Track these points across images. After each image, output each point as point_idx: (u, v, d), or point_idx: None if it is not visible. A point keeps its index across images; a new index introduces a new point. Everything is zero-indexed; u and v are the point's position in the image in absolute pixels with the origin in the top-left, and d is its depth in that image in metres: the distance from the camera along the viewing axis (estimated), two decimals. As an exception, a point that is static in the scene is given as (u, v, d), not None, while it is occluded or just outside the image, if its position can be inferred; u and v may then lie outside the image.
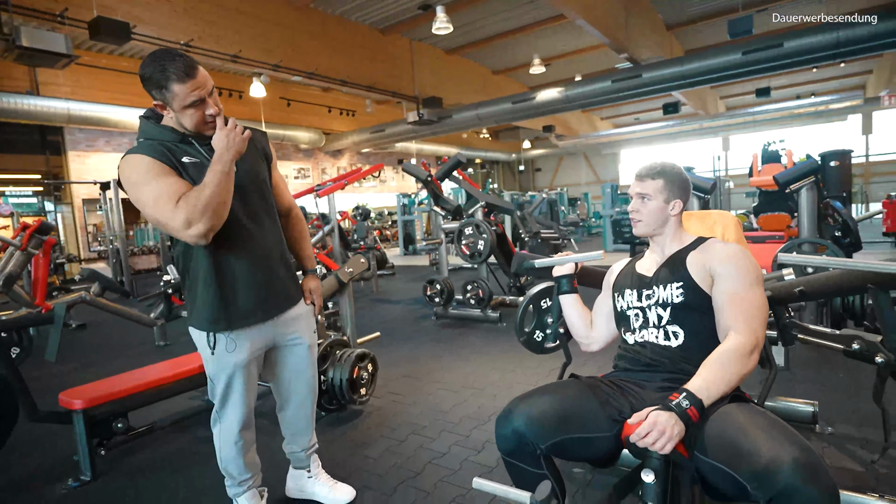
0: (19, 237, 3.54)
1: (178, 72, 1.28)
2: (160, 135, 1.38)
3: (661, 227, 1.41)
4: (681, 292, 1.30)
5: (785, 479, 0.88)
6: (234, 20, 7.82)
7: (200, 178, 1.32)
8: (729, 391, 1.14)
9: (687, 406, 1.07)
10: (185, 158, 1.36)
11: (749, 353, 1.17)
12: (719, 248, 1.34)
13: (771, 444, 0.94)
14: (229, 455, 1.60)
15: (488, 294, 4.45)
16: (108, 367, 3.69)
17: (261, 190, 1.51)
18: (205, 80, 1.33)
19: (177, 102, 1.31)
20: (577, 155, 22.70)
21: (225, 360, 1.48)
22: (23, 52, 5.58)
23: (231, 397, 1.53)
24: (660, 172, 1.39)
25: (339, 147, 14.47)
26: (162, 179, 1.30)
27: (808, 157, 4.46)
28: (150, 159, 1.31)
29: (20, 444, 2.44)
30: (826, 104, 13.69)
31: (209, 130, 1.38)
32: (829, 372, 2.77)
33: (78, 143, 10.30)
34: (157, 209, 1.29)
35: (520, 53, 12.34)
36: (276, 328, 1.57)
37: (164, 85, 1.29)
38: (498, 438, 1.23)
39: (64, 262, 8.80)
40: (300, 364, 1.67)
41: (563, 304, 1.56)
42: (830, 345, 1.72)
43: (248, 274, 1.46)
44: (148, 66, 1.29)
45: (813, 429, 2.11)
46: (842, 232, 3.33)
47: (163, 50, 1.32)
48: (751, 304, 1.23)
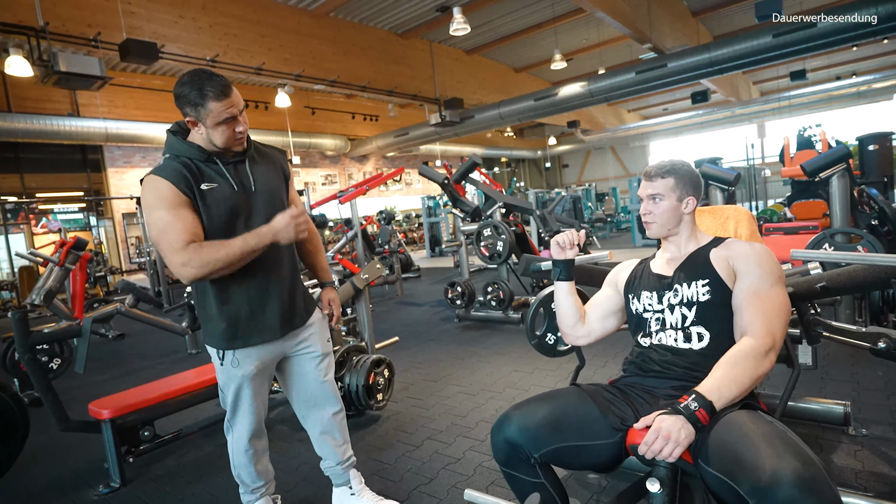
0: (57, 254, 3.73)
1: (215, 90, 1.34)
2: (187, 151, 1.42)
3: (676, 226, 1.36)
4: (707, 290, 1.25)
5: (786, 493, 0.85)
6: (256, 32, 8.02)
7: (216, 206, 1.39)
8: (742, 394, 1.09)
9: (696, 408, 1.03)
10: (204, 185, 1.39)
11: (765, 354, 1.12)
12: (743, 245, 1.30)
13: (773, 455, 0.90)
14: (241, 463, 1.63)
15: (509, 295, 4.41)
16: (142, 375, 3.84)
17: (277, 209, 1.50)
18: (238, 99, 1.39)
19: (211, 119, 1.36)
20: (604, 149, 22.28)
21: (232, 371, 1.52)
22: (60, 76, 5.87)
23: (240, 407, 1.56)
24: (670, 170, 1.34)
25: (364, 152, 14.65)
26: (174, 211, 1.34)
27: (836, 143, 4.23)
28: (168, 185, 1.35)
29: (57, 451, 2.57)
30: (868, 84, 12.99)
31: (237, 146, 1.45)
32: (864, 369, 2.62)
33: (116, 160, 10.79)
34: (162, 238, 1.33)
35: (540, 49, 12.22)
36: (286, 341, 1.59)
37: (200, 102, 1.34)
38: (493, 448, 1.22)
39: (106, 275, 9.24)
40: (311, 373, 1.67)
41: (558, 290, 1.46)
42: (856, 343, 1.63)
43: (262, 294, 1.50)
44: (185, 84, 1.35)
45: (845, 430, 2.00)
46: (879, 220, 3.15)
47: (200, 69, 1.39)
48: (772, 304, 1.18)
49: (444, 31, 9.20)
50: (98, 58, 6.10)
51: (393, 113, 12.78)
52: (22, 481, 2.29)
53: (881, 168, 5.45)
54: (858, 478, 1.72)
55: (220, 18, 7.59)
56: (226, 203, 1.41)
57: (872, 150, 5.45)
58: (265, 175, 1.51)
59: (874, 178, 5.27)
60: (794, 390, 1.46)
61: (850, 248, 2.81)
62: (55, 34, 6.01)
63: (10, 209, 9.89)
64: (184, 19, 7.18)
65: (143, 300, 4.20)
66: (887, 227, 3.14)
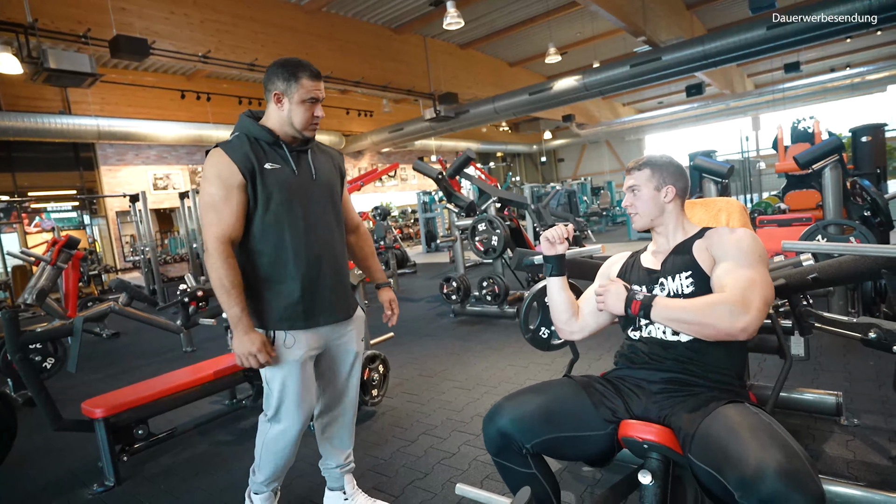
0: (49, 253, 3.71)
1: (310, 70, 1.47)
2: (258, 131, 1.48)
3: (659, 216, 1.37)
4: (690, 282, 1.25)
5: (769, 486, 0.85)
6: (249, 28, 7.94)
7: (277, 187, 1.45)
8: (686, 329, 1.17)
9: (636, 298, 1.21)
10: (268, 165, 1.45)
11: (730, 313, 1.10)
12: (724, 232, 1.29)
13: (758, 449, 0.91)
14: (278, 456, 1.56)
15: (504, 289, 4.42)
16: (137, 374, 3.83)
17: (335, 202, 1.60)
18: (323, 89, 1.51)
19: (299, 94, 1.44)
20: (600, 143, 22.26)
21: (284, 353, 1.48)
22: (51, 73, 5.80)
23: (288, 396, 1.51)
24: (646, 163, 1.37)
25: (359, 148, 14.59)
26: (226, 191, 1.41)
27: (830, 134, 4.24)
28: (228, 162, 1.41)
29: (52, 451, 2.57)
30: (862, 76, 13.01)
31: (310, 132, 1.52)
32: (857, 360, 2.64)
33: (109, 158, 10.70)
34: (207, 214, 1.41)
35: (534, 44, 12.17)
36: (331, 332, 1.58)
37: (295, 75, 1.44)
38: (485, 439, 1.23)
39: (101, 274, 9.20)
40: (343, 370, 1.66)
41: (551, 286, 1.47)
42: (847, 333, 1.64)
43: (323, 276, 1.53)
44: (281, 63, 1.46)
45: (837, 421, 2.02)
46: (871, 211, 3.16)
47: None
48: (750, 279, 1.15)
49: (438, 26, 9.14)
50: (88, 54, 6.03)
51: (387, 108, 12.72)
52: (17, 481, 2.29)
53: (874, 159, 5.46)
54: (850, 467, 1.73)
55: (212, 14, 7.51)
56: (286, 185, 1.46)
57: (865, 142, 5.46)
58: (325, 167, 1.59)
59: (867, 170, 5.29)
60: (788, 381, 1.47)
61: (842, 239, 2.82)
62: (44, 31, 5.94)
63: (3, 208, 9.81)
64: (175, 15, 7.11)
65: (137, 298, 4.18)
66: (879, 219, 3.15)
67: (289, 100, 1.45)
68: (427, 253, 11.83)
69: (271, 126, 1.49)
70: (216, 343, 4.51)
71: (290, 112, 1.47)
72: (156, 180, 11.31)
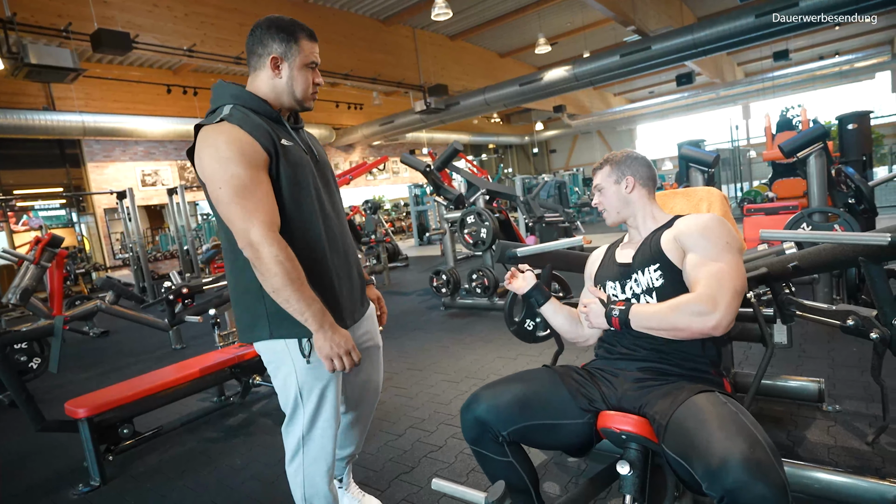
0: (32, 251, 3.66)
1: (308, 30, 1.27)
2: (258, 104, 1.23)
3: (626, 207, 1.40)
4: (659, 274, 1.26)
5: (733, 476, 0.86)
6: (234, 21, 7.83)
7: (298, 166, 1.24)
8: (663, 333, 1.17)
9: (614, 314, 1.21)
10: (284, 141, 1.23)
11: (699, 313, 1.11)
12: (690, 219, 1.29)
13: (723, 439, 0.91)
14: (319, 483, 1.34)
15: (493, 282, 4.42)
16: (126, 372, 3.80)
17: (336, 186, 1.44)
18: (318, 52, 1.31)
19: (300, 58, 1.24)
20: (591, 134, 22.26)
21: (321, 367, 1.25)
22: (32, 69, 5.70)
23: (323, 413, 1.30)
24: (605, 161, 1.44)
25: (349, 141, 14.50)
26: (254, 172, 1.14)
27: (814, 122, 4.26)
28: (247, 136, 1.14)
29: (37, 452, 2.55)
30: (850, 63, 13.06)
31: (310, 102, 1.32)
32: (840, 346, 2.67)
33: (95, 155, 10.57)
34: (239, 201, 1.12)
35: (524, 34, 12.11)
36: (356, 329, 1.43)
37: (294, 36, 1.23)
38: (462, 426, 1.24)
39: (89, 271, 9.11)
40: (378, 363, 1.58)
41: (546, 314, 1.49)
42: (827, 321, 1.65)
43: (351, 269, 1.38)
44: (274, 21, 1.24)
45: (820, 407, 2.04)
46: (855, 199, 3.18)
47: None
48: (717, 273, 1.15)
49: (427, 17, 9.06)
50: (70, 49, 5.93)
51: (378, 101, 12.64)
52: (1, 483, 2.27)
53: (860, 147, 5.50)
54: (831, 453, 1.75)
55: (196, 7, 7.40)
56: (304, 163, 1.27)
57: (852, 129, 5.49)
58: (320, 148, 1.42)
59: (854, 157, 5.32)
60: (772, 368, 1.48)
61: (827, 227, 2.83)
62: (24, 25, 5.83)
63: (-12, 207, 9.69)
64: (158, 8, 6.99)
65: (124, 296, 4.14)
66: (864, 206, 3.17)
67: (289, 65, 1.24)
68: (419, 246, 11.82)
69: (270, 100, 1.27)
70: (205, 339, 4.49)
71: (290, 79, 1.25)
72: (144, 176, 11.19)
